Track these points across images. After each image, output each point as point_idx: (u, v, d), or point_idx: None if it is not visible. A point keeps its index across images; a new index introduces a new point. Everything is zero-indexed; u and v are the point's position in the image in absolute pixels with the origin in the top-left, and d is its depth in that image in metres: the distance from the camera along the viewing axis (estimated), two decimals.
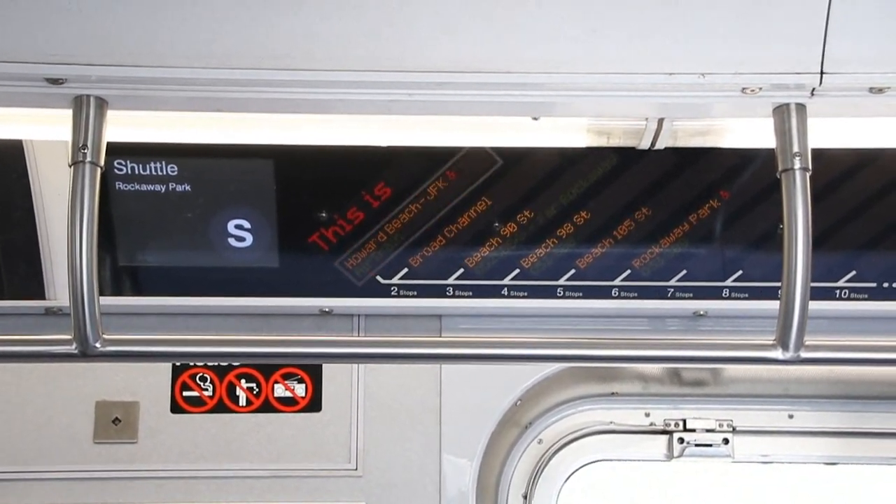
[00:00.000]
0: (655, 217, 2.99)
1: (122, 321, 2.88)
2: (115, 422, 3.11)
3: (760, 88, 2.05)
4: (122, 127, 2.17)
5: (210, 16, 1.97)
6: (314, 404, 3.14)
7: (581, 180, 2.96)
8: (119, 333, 2.15)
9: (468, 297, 3.06)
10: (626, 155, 2.91)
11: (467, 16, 1.99)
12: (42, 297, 2.99)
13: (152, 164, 2.87)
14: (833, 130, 2.26)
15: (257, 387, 3.14)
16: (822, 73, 2.01)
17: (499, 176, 2.94)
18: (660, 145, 2.38)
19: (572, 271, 3.04)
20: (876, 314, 3.09)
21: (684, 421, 3.27)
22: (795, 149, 2.06)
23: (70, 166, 2.03)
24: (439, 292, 3.05)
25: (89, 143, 2.02)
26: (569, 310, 3.09)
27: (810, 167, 2.07)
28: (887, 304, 3.07)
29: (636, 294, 3.06)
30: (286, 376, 3.14)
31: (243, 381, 3.14)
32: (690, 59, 2.02)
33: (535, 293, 3.05)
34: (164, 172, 2.88)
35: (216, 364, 3.14)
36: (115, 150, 2.23)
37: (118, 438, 3.11)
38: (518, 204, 2.98)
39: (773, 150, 2.11)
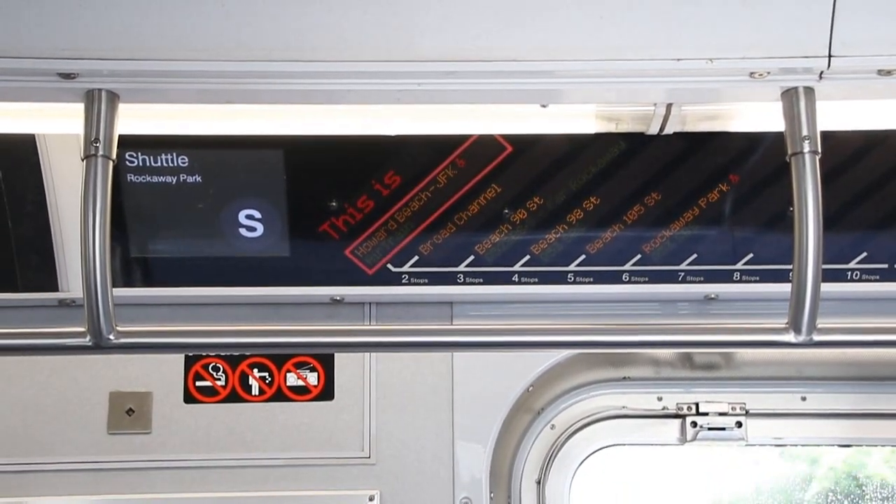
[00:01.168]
0: (665, 201, 2.98)
1: (134, 312, 2.92)
2: (129, 412, 3.12)
3: (768, 73, 2.04)
4: (134, 119, 2.19)
5: (219, 9, 1.97)
6: (326, 393, 3.15)
7: (590, 166, 2.95)
8: (131, 324, 2.15)
9: (479, 283, 3.05)
10: (634, 140, 2.91)
11: (475, 5, 1.99)
12: (55, 289, 3.00)
13: (163, 156, 2.88)
14: (842, 113, 2.25)
15: (270, 376, 3.15)
16: (829, 56, 2.01)
17: (508, 163, 2.94)
18: (668, 130, 2.38)
19: (582, 257, 3.04)
20: (888, 295, 3.07)
21: (697, 405, 3.26)
22: (804, 132, 2.05)
23: (83, 160, 2.05)
24: (450, 280, 3.05)
25: (101, 137, 2.03)
26: (579, 295, 3.09)
27: (819, 150, 2.06)
28: None
29: (647, 278, 3.05)
30: (298, 365, 3.15)
31: (256, 370, 3.15)
32: (698, 44, 2.01)
33: (545, 279, 3.05)
34: (175, 164, 2.89)
35: (228, 353, 3.15)
36: (127, 142, 2.25)
37: (132, 429, 3.12)
38: (527, 190, 2.98)
39: (781, 132, 2.11)
